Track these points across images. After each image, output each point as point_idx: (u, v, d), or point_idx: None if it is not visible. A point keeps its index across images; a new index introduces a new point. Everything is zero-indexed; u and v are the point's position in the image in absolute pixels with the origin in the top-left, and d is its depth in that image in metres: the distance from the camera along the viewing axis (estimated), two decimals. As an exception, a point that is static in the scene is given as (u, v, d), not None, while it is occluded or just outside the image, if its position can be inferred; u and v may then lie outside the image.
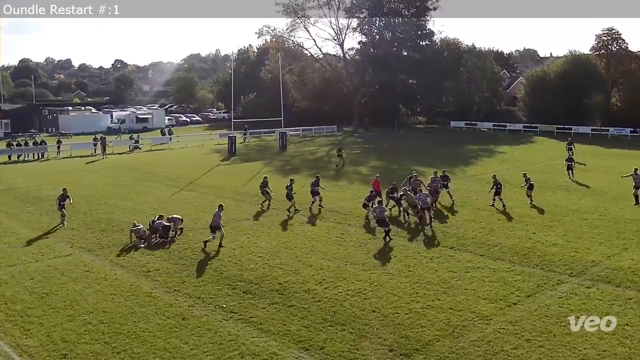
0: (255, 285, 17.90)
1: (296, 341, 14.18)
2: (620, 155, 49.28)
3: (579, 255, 20.36)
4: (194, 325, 15.12)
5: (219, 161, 48.81)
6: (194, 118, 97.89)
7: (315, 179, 29.60)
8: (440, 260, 20.27)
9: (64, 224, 25.50)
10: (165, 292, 17.53)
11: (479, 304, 16.17)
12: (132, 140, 58.82)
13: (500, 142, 61.19)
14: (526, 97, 77.36)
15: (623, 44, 72.33)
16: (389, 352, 13.58)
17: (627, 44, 72.75)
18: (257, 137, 68.62)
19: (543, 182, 34.88)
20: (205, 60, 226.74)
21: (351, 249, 21.71)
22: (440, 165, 39.78)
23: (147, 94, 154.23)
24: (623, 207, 27.46)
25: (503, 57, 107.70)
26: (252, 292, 17.36)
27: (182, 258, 20.80)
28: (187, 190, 34.25)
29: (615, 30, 72.22)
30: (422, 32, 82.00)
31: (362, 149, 57.90)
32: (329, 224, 25.27)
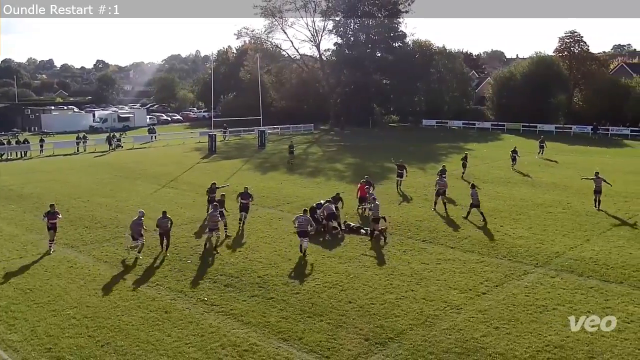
0: (235, 279, 17.84)
1: (276, 332, 14.18)
2: (583, 151, 50.20)
3: (544, 247, 20.70)
4: (176, 318, 15.02)
5: (199, 159, 48.44)
6: (175, 117, 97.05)
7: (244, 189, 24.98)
8: (413, 252, 20.42)
9: (50, 250, 20.97)
10: (147, 287, 17.37)
11: (450, 294, 16.34)
12: (114, 139, 58.04)
13: (470, 139, 61.86)
14: (494, 97, 78.19)
15: (584, 46, 73.77)
16: (364, 341, 13.65)
17: (588, 46, 74.32)
18: (236, 135, 68.27)
19: (510, 177, 35.40)
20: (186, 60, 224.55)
21: (328, 243, 21.74)
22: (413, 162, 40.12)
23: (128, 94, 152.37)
24: (585, 201, 27.94)
25: (472, 59, 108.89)
26: (233, 286, 17.31)
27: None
28: (168, 188, 33.94)
29: (577, 33, 73.60)
30: (394, 34, 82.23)
31: (338, 147, 58.00)
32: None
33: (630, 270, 17.98)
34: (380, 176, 36.40)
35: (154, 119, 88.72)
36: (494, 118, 76.79)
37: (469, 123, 76.24)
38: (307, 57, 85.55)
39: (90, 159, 49.36)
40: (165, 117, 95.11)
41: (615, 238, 21.74)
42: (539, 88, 69.50)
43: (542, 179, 34.77)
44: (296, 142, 56.97)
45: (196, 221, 25.08)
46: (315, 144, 60.73)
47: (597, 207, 26.20)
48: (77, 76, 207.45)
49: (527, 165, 39.89)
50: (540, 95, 69.75)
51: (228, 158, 48.98)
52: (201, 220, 25.21)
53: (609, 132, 64.28)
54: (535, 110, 69.16)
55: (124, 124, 79.05)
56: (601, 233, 22.53)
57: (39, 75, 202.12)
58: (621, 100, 65.34)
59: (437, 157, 47.42)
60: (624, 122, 65.26)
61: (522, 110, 69.71)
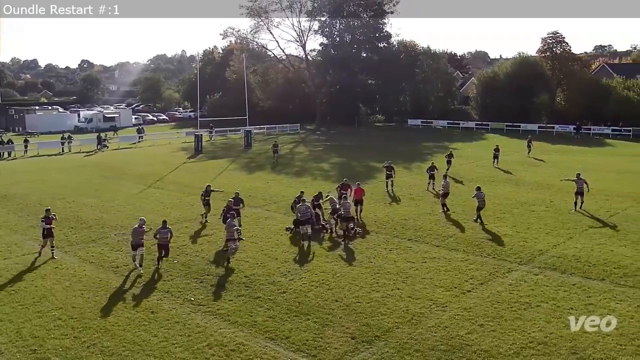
0: (222, 279, 17.77)
1: (262, 331, 14.15)
2: (565, 151, 50.71)
3: (528, 245, 20.88)
4: (163, 318, 14.93)
5: (185, 159, 48.19)
6: (161, 117, 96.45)
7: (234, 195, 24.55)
8: (399, 251, 20.49)
9: (40, 254, 20.19)
10: (134, 287, 17.25)
11: (435, 292, 16.41)
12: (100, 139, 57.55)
13: (454, 139, 62.23)
14: (478, 97, 78.73)
15: (566, 46, 74.59)
16: (351, 339, 13.67)
17: (570, 46, 75.15)
18: (222, 135, 68.04)
19: (494, 176, 35.65)
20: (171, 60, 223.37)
21: (314, 242, 21.72)
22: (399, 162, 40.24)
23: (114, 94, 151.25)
24: (567, 200, 28.18)
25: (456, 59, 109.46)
26: (220, 285, 17.24)
27: (149, 253, 20.43)
28: (154, 188, 33.72)
29: (559, 33, 74.39)
30: (380, 35, 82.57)
31: (324, 146, 58.03)
32: (293, 219, 25.15)
33: (612, 267, 18.20)
34: (366, 176, 36.50)
35: (140, 119, 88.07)
36: (478, 118, 77.33)
37: (453, 123, 76.67)
38: (293, 57, 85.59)
39: (76, 159, 48.88)
40: (151, 117, 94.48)
41: (597, 236, 21.99)
42: (522, 88, 70.14)
43: (526, 178, 35.06)
44: (282, 142, 57.09)
45: (183, 221, 24.94)
46: (302, 144, 60.72)
47: (577, 208, 25.94)
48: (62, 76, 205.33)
49: (511, 164, 40.25)
50: (524, 95, 70.39)
51: (214, 158, 48.79)
52: (187, 220, 25.12)
53: (591, 132, 64.97)
54: (518, 110, 69.80)
55: (110, 124, 78.37)
56: (583, 231, 22.78)
57: (22, 75, 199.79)
58: (602, 100, 66.17)
59: (423, 156, 47.59)
60: (605, 122, 66.02)
61: (505, 110, 70.31)
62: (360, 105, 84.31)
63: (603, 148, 54.07)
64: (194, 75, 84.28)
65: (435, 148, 53.81)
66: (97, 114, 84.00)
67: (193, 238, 22.31)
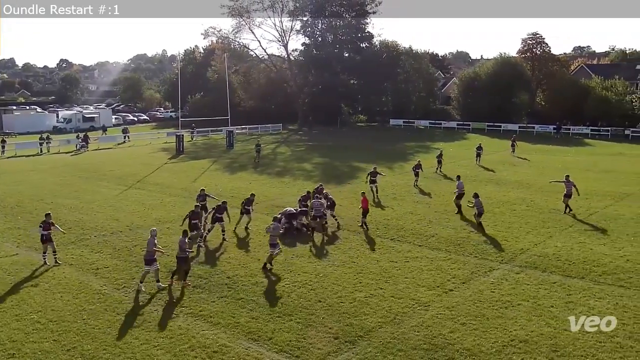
0: (204, 280, 17.67)
1: (245, 332, 14.10)
2: (546, 150, 51.31)
3: (509, 244, 21.09)
4: (144, 320, 14.80)
5: (167, 159, 47.84)
6: (142, 117, 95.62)
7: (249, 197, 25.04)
8: (381, 251, 20.56)
9: (45, 262, 19.19)
10: (114, 289, 17.06)
11: (418, 292, 16.50)
12: (78, 139, 56.89)
13: (436, 139, 62.66)
14: (459, 97, 79.33)
15: (546, 47, 75.52)
16: (334, 339, 13.68)
17: (550, 47, 76.08)
18: (204, 135, 67.72)
19: (475, 176, 35.93)
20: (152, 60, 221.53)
21: (297, 243, 21.72)
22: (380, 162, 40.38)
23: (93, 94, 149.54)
24: (547, 199, 28.57)
25: (438, 59, 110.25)
26: (202, 287, 17.14)
27: (131, 255, 20.29)
28: (135, 189, 33.41)
29: (539, 34, 75.28)
30: (362, 35, 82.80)
31: (306, 146, 58.03)
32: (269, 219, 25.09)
33: (591, 265, 18.46)
34: (349, 176, 36.60)
35: (120, 119, 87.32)
36: (459, 118, 77.95)
37: (435, 122, 77.23)
38: (275, 57, 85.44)
39: (54, 159, 48.24)
40: (131, 117, 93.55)
41: (576, 234, 22.28)
42: (503, 88, 70.89)
43: (506, 178, 35.42)
44: (265, 142, 56.96)
45: (164, 222, 24.76)
46: (284, 144, 60.65)
47: (566, 211, 25.62)
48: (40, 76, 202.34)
49: (493, 164, 40.70)
50: (504, 96, 71.18)
51: (196, 158, 48.50)
52: (169, 221, 24.93)
53: (570, 132, 65.84)
54: (499, 110, 70.52)
55: (89, 125, 77.51)
56: (563, 230, 23.07)
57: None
58: (581, 101, 67.10)
59: (405, 156, 47.86)
60: (584, 122, 66.97)
61: (487, 110, 70.98)
62: (343, 105, 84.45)
63: (582, 148, 54.79)
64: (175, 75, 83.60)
65: (417, 148, 54.14)
66: (76, 114, 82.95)
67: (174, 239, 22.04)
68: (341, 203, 27.02)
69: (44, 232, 19.07)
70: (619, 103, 66.43)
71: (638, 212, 25.81)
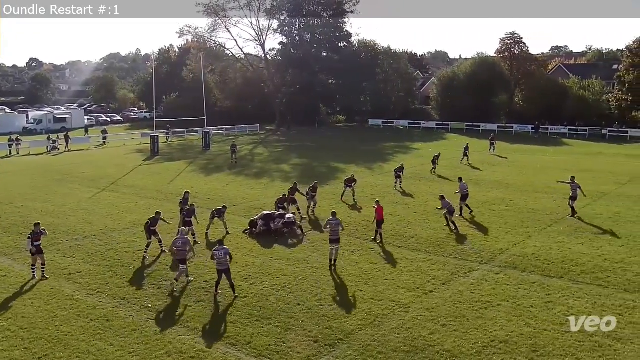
0: (181, 284, 17.52)
1: (223, 337, 14.01)
2: (524, 150, 52.02)
3: (488, 244, 21.33)
4: (119, 326, 14.62)
5: (141, 161, 47.37)
6: (115, 118, 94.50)
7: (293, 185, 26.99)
8: (361, 253, 20.62)
9: (34, 276, 18.18)
10: (87, 295, 16.84)
11: (398, 293, 16.58)
12: (49, 140, 56.00)
13: (415, 139, 63.12)
14: (438, 97, 79.98)
15: (524, 47, 76.53)
16: (314, 343, 13.68)
17: (528, 47, 77.11)
18: (180, 136, 67.23)
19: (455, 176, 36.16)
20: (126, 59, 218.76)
21: (276, 245, 21.67)
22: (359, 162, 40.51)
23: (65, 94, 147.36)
24: (526, 199, 28.96)
25: (416, 59, 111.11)
26: (178, 291, 17.00)
27: (104, 259, 20.06)
28: (108, 191, 33.03)
29: (517, 34, 76.28)
30: (340, 34, 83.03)
31: (284, 147, 57.99)
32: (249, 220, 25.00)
33: (570, 265, 18.75)
34: (328, 177, 36.64)
35: (93, 120, 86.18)
36: (438, 118, 78.58)
37: (414, 123, 77.74)
38: (252, 56, 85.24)
39: (24, 162, 47.45)
40: (104, 117, 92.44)
41: (555, 234, 22.62)
42: (482, 88, 71.66)
43: (486, 177, 35.83)
44: (242, 142, 56.82)
45: (138, 225, 24.45)
46: (261, 145, 60.52)
47: (573, 215, 25.29)
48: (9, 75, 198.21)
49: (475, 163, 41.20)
50: (483, 95, 71.94)
51: (171, 160, 48.12)
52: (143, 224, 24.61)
53: (549, 131, 66.83)
54: (478, 110, 71.24)
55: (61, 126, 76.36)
56: (542, 229, 23.40)
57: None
58: (559, 100, 68.17)
59: (384, 156, 48.10)
60: (562, 122, 68.03)
61: (465, 110, 71.68)
62: (321, 105, 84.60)
63: (561, 147, 55.63)
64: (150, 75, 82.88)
65: (396, 148, 54.49)
66: (47, 114, 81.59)
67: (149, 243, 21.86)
68: (320, 205, 27.08)
69: (36, 244, 18.03)
70: (596, 103, 67.78)
71: (616, 211, 26.33)
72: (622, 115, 67.16)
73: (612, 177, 35.91)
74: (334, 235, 18.79)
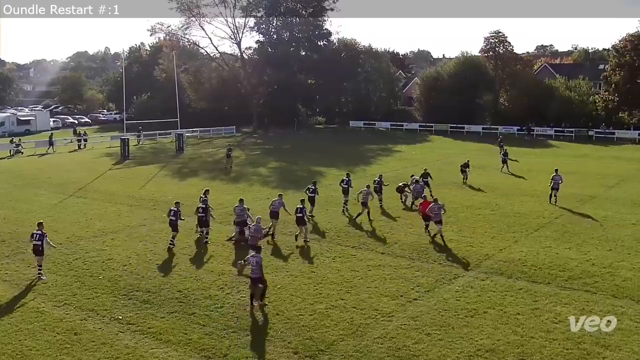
0: (153, 294, 17.34)
1: (198, 350, 13.89)
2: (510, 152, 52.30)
3: (474, 250, 21.48)
4: (87, 339, 14.41)
5: (111, 165, 46.86)
6: (83, 120, 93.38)
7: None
8: (342, 260, 20.62)
9: (40, 278, 18.57)
10: (54, 307, 16.57)
11: (381, 302, 16.60)
12: (12, 144, 55.14)
13: (398, 141, 63.39)
14: (421, 97, 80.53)
15: (509, 46, 77.31)
16: (294, 354, 13.63)
17: (513, 46, 77.98)
18: (151, 139, 66.74)
19: (440, 179, 36.43)
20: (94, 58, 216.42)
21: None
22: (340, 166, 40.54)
23: (29, 95, 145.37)
24: (513, 202, 29.26)
25: (398, 58, 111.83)
26: (150, 302, 16.81)
27: (72, 269, 19.76)
28: (76, 197, 32.61)
29: (501, 33, 77.05)
30: (319, 32, 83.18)
31: (261, 150, 57.87)
32: (229, 227, 24.87)
33: (557, 270, 18.97)
34: (308, 180, 36.44)
35: (59, 122, 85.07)
36: (422, 119, 79.07)
37: (397, 124, 78.16)
38: (227, 55, 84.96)
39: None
40: (71, 119, 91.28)
41: (542, 239, 22.88)
42: (466, 89, 72.35)
43: (471, 181, 36.04)
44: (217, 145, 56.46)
45: (108, 233, 24.25)
46: (238, 147, 60.18)
47: (550, 201, 29.02)
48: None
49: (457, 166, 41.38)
50: (467, 96, 72.65)
51: (143, 164, 47.71)
52: (113, 231, 24.42)
53: (534, 133, 67.62)
54: (462, 111, 71.89)
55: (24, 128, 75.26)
56: (529, 234, 23.66)
57: None
58: (545, 101, 69.08)
59: (366, 159, 48.27)
60: (548, 123, 68.96)
61: (449, 111, 72.11)
62: (300, 106, 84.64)
63: (547, 149, 56.37)
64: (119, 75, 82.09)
65: (379, 151, 54.71)
66: (9, 116, 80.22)
67: (119, 251, 21.66)
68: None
69: (37, 242, 18.46)
70: (582, 104, 68.80)
71: (603, 214, 26.73)
72: (609, 116, 68.25)
73: (600, 180, 36.49)
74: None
